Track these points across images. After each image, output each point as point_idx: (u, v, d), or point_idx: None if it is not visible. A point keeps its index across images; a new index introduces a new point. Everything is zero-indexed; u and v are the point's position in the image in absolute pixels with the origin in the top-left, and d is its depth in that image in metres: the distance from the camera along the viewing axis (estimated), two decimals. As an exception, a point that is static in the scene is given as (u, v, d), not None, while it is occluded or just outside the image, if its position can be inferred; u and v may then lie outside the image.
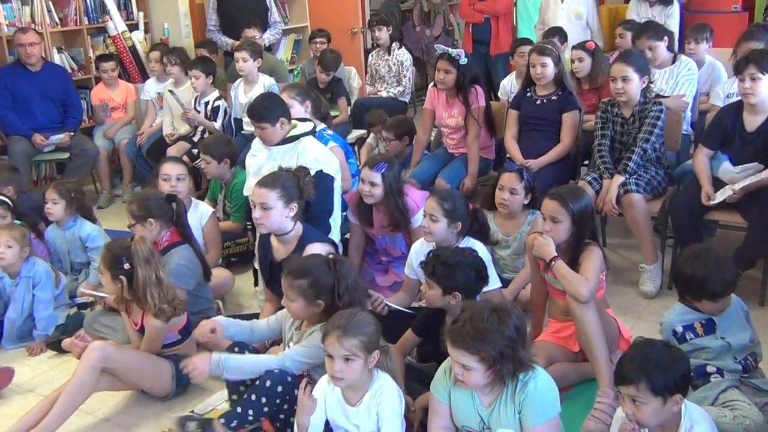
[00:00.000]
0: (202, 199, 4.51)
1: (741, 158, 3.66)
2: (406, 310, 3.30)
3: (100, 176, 5.92)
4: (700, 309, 2.70)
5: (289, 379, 2.62)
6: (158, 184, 4.09)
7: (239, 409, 2.62)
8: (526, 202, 3.65)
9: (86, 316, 3.68)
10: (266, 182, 3.19)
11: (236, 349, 2.82)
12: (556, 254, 2.95)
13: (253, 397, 2.60)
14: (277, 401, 2.61)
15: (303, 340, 2.71)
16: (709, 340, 2.69)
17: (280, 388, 2.60)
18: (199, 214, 4.06)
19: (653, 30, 4.69)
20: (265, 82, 5.30)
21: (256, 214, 3.16)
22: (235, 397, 2.81)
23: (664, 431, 2.19)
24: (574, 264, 2.95)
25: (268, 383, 2.59)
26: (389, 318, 3.19)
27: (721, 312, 2.69)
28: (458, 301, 2.77)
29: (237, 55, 5.28)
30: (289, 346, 2.79)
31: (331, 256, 2.82)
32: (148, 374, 3.09)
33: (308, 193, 3.26)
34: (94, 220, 4.20)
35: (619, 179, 3.82)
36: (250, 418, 2.61)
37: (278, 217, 3.15)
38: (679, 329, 2.73)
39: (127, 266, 2.98)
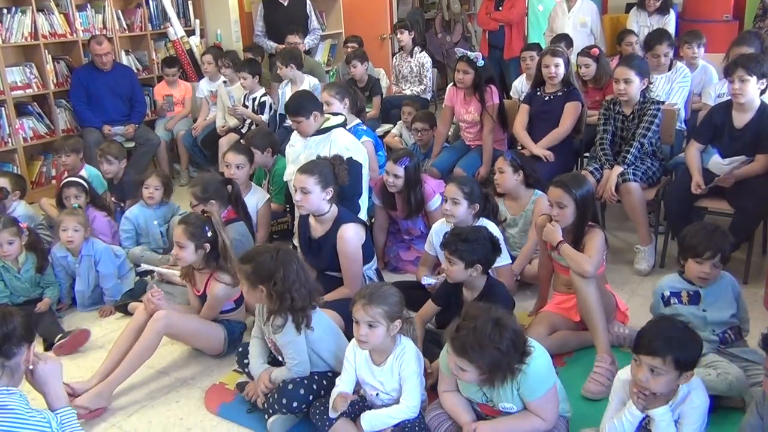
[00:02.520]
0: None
1: (729, 152, 3.59)
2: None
3: (160, 163, 5.95)
4: (689, 278, 2.67)
5: (302, 392, 2.55)
6: (218, 169, 4.10)
7: (274, 408, 2.58)
8: (517, 179, 3.63)
9: (149, 284, 3.73)
10: (306, 169, 3.18)
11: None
12: (562, 239, 2.93)
13: (276, 406, 2.57)
14: (294, 405, 2.56)
15: (272, 335, 2.62)
16: (689, 309, 2.66)
17: (295, 404, 2.54)
18: (257, 197, 4.09)
19: (669, 39, 4.61)
20: (310, 82, 5.30)
21: (297, 197, 3.16)
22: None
23: (665, 396, 2.14)
24: (577, 244, 2.92)
25: (284, 401, 2.55)
26: (413, 288, 3.21)
27: (707, 284, 2.65)
28: (479, 273, 2.76)
29: (277, 63, 5.28)
30: (268, 343, 2.74)
31: (278, 247, 2.65)
32: (205, 337, 3.12)
33: (342, 179, 3.25)
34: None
35: (618, 170, 3.76)
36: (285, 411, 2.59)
37: (316, 200, 3.14)
38: (667, 293, 2.73)
39: (210, 234, 3.03)
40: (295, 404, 2.55)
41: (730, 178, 3.51)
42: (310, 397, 2.56)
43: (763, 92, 3.54)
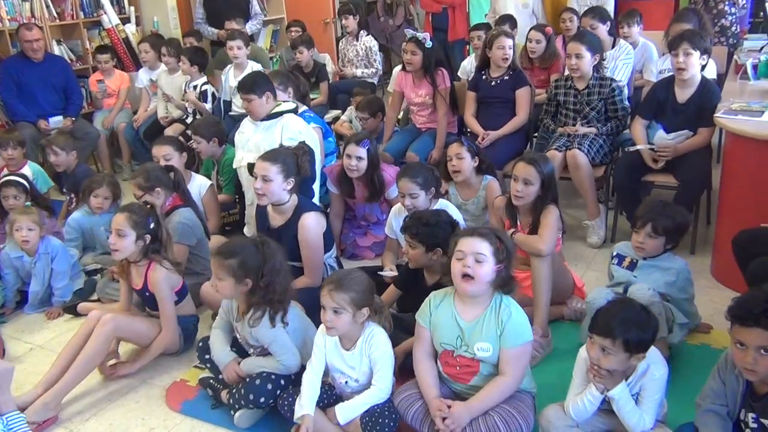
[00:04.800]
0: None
1: (673, 126, 3.71)
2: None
3: (100, 158, 5.77)
4: (633, 245, 2.80)
5: (269, 387, 2.53)
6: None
7: (241, 403, 2.55)
8: (474, 164, 3.64)
9: (99, 283, 3.64)
10: (269, 157, 3.12)
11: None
12: (513, 229, 3.02)
13: (242, 402, 2.54)
14: (274, 392, 2.54)
15: (248, 328, 2.60)
16: (624, 272, 2.81)
17: (262, 399, 2.52)
18: (198, 185, 4.00)
19: (598, 13, 4.74)
20: (253, 67, 5.21)
21: (257, 185, 3.09)
22: (221, 375, 2.73)
23: (623, 372, 2.20)
24: (535, 223, 2.98)
25: (251, 396, 2.52)
26: (374, 274, 3.20)
27: (642, 254, 2.77)
28: (439, 256, 2.77)
29: (232, 43, 5.19)
30: (238, 336, 2.72)
31: (259, 238, 2.68)
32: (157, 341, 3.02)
33: (305, 170, 3.22)
34: None
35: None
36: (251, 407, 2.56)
37: (277, 188, 3.09)
38: (614, 253, 2.90)
39: (153, 225, 2.95)
40: (262, 399, 2.53)
41: (670, 149, 3.63)
42: (278, 392, 2.54)
43: (703, 68, 3.67)
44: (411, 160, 4.39)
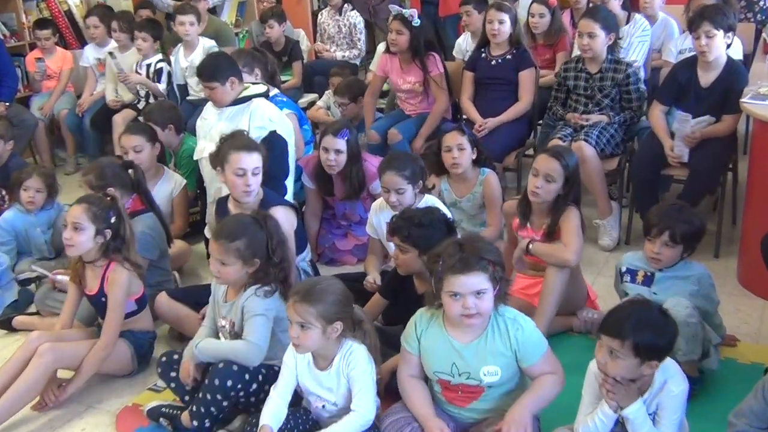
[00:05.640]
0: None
1: (695, 113, 3.72)
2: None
3: (39, 149, 5.72)
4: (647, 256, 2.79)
5: (235, 368, 2.57)
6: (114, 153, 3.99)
7: (202, 409, 2.57)
8: (473, 157, 3.64)
9: (37, 293, 3.58)
10: (252, 147, 3.17)
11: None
12: (531, 238, 3.03)
13: (209, 396, 2.55)
14: (232, 394, 2.56)
15: (236, 312, 2.66)
16: (640, 289, 2.79)
17: (230, 383, 2.54)
18: (171, 184, 4.00)
19: None
20: (205, 45, 5.18)
21: (250, 181, 3.10)
22: (186, 398, 2.74)
23: (639, 385, 2.20)
24: (553, 226, 2.99)
25: (216, 381, 2.54)
26: (355, 281, 3.21)
27: (659, 265, 2.77)
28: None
29: (182, 18, 5.14)
30: (222, 322, 2.74)
31: (259, 214, 2.82)
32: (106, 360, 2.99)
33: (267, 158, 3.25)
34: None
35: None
36: (215, 413, 2.57)
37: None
38: (623, 269, 2.87)
39: (114, 220, 2.93)
40: (229, 383, 2.53)
41: (696, 136, 3.65)
42: (246, 376, 2.56)
43: (728, 47, 3.70)
44: (393, 138, 4.40)
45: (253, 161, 3.11)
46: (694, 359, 2.64)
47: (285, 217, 3.14)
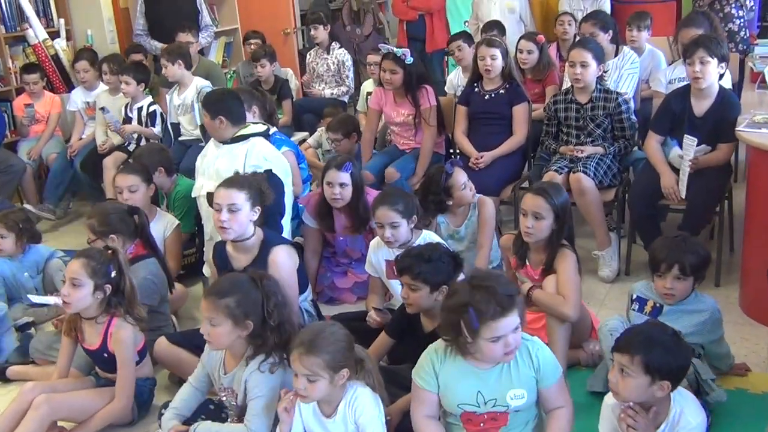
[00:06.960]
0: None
1: (690, 142, 3.75)
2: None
3: (26, 194, 5.62)
4: (659, 293, 2.78)
5: None
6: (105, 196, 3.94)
7: None
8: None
9: (32, 341, 3.49)
10: (233, 182, 3.09)
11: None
12: (531, 285, 3.01)
13: None
14: None
15: (238, 383, 2.58)
16: (645, 319, 2.76)
17: None
18: (164, 225, 3.96)
19: (600, 20, 4.80)
20: (198, 84, 5.17)
21: (223, 217, 3.02)
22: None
23: (655, 416, 2.19)
24: (549, 266, 2.98)
25: None
26: (356, 320, 3.17)
27: (674, 300, 2.76)
28: (444, 294, 2.70)
29: (163, 61, 5.15)
30: (223, 395, 2.67)
31: (256, 273, 2.68)
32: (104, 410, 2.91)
33: (269, 198, 3.19)
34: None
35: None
36: None
37: (245, 219, 3.05)
38: (634, 296, 2.87)
39: (114, 274, 2.86)
40: None
41: (695, 163, 3.65)
42: None
43: (721, 77, 3.74)
44: (391, 177, 4.41)
45: (229, 197, 3.03)
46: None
47: (288, 257, 3.11)
